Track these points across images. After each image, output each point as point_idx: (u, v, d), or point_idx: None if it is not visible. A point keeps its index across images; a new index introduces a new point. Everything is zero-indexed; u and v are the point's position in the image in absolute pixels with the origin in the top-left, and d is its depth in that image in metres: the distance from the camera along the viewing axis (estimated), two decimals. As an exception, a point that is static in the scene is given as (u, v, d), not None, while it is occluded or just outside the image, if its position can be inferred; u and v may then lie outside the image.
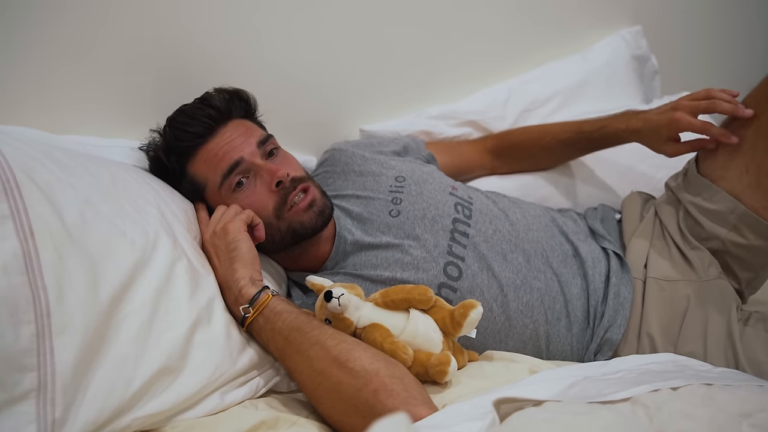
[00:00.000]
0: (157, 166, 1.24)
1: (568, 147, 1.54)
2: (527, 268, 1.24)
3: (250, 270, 1.06)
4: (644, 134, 1.36)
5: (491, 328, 1.19)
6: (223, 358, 0.96)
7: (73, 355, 0.80)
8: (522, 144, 1.60)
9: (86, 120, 1.27)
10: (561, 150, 1.56)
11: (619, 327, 1.21)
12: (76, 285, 0.84)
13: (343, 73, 1.61)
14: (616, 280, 1.26)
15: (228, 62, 1.43)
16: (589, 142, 1.50)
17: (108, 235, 0.93)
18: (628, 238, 1.36)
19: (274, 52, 1.50)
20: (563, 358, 1.23)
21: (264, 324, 1.01)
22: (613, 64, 1.89)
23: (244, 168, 1.18)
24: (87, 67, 1.25)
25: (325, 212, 1.21)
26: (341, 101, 1.64)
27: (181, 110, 1.24)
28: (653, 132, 1.33)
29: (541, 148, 1.57)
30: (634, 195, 1.46)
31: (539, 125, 1.63)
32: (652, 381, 0.80)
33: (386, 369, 0.90)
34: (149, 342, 0.89)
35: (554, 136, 1.54)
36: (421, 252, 1.21)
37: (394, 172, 1.35)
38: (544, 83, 1.80)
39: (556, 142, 1.54)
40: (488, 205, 1.34)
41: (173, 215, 1.10)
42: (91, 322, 0.84)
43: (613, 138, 1.44)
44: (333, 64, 1.59)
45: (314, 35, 1.54)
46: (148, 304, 0.92)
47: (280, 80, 1.52)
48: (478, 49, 1.80)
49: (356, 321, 1.01)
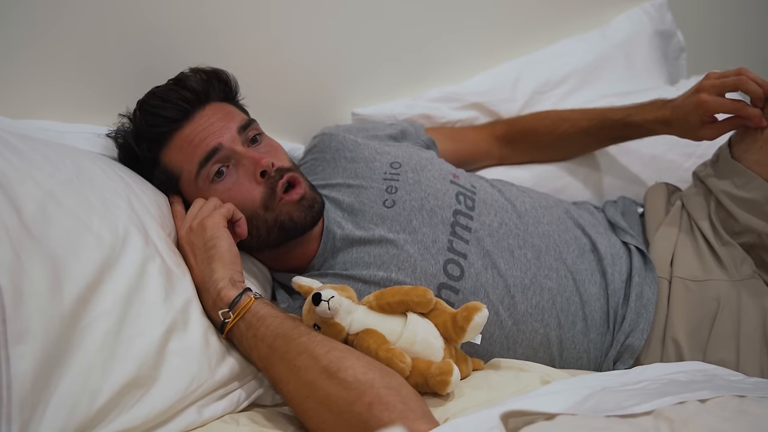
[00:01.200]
0: (126, 155, 1.23)
1: (588, 137, 1.54)
2: (537, 266, 1.24)
3: (230, 270, 1.06)
4: (675, 124, 1.35)
5: (498, 333, 1.19)
6: (201, 368, 0.96)
7: (32, 366, 0.79)
8: (536, 131, 1.60)
9: (47, 103, 1.27)
10: (580, 140, 1.56)
11: (642, 332, 1.21)
12: (35, 286, 0.84)
13: (333, 51, 1.61)
14: (638, 279, 1.25)
15: (206, 39, 1.42)
16: (612, 132, 1.50)
17: (72, 230, 0.92)
18: (651, 233, 1.36)
19: (256, 28, 1.49)
20: (579, 366, 1.23)
21: (246, 330, 1.01)
22: (635, 40, 1.89)
23: (223, 155, 1.18)
24: (48, 44, 1.24)
25: (314, 207, 1.21)
26: (331, 82, 1.63)
27: (153, 92, 1.24)
28: (682, 120, 1.33)
29: (558, 137, 1.57)
30: (658, 186, 1.46)
31: (556, 110, 1.63)
32: (677, 392, 0.80)
33: (381, 379, 0.90)
34: (118, 350, 0.89)
35: (573, 124, 1.54)
36: (418, 248, 1.21)
37: (389, 158, 1.35)
38: (557, 62, 1.80)
39: (575, 130, 1.54)
40: (493, 195, 1.34)
41: (145, 209, 1.09)
42: (52, 328, 0.83)
43: (640, 129, 1.44)
44: (322, 41, 1.59)
45: (301, 9, 1.53)
46: (116, 308, 0.91)
47: (264, 59, 1.52)
48: (485, 24, 1.79)
49: (348, 326, 1.01)
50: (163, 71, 1.25)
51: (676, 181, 1.48)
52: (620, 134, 1.50)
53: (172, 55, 1.32)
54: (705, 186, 1.35)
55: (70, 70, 1.28)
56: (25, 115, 1.21)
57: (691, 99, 1.31)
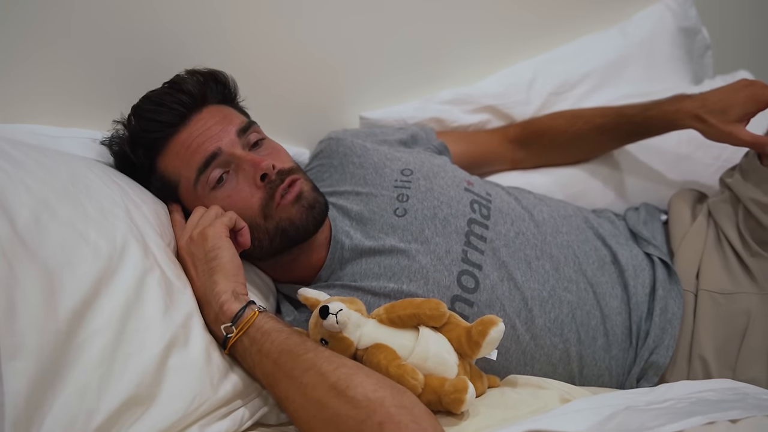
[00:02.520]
0: (122, 162, 1.24)
1: (605, 134, 1.54)
2: (556, 278, 1.25)
3: (233, 282, 1.06)
4: (705, 114, 1.34)
5: (514, 348, 1.19)
6: (203, 386, 0.95)
7: (26, 383, 0.79)
8: (549, 131, 1.60)
9: (38, 106, 1.27)
10: (596, 137, 1.56)
11: (667, 348, 1.22)
12: (29, 300, 0.84)
13: (340, 50, 1.61)
14: (662, 293, 1.26)
15: (205, 39, 1.42)
16: (630, 126, 1.49)
17: (67, 241, 0.92)
18: (676, 243, 1.36)
19: (257, 27, 1.49)
20: (600, 383, 1.23)
21: (250, 345, 1.00)
22: (657, 38, 1.88)
23: (222, 160, 1.18)
24: (39, 44, 1.25)
25: (315, 208, 1.21)
26: (338, 83, 1.63)
27: (147, 97, 1.24)
28: (719, 111, 1.32)
29: (573, 136, 1.57)
30: (683, 192, 1.46)
31: (570, 110, 1.63)
32: (706, 412, 0.81)
33: (392, 397, 0.90)
34: (115, 367, 0.88)
35: (588, 121, 1.54)
36: (430, 259, 1.21)
37: (399, 165, 1.35)
38: (575, 62, 1.80)
39: (590, 127, 1.54)
40: (510, 203, 1.34)
41: (144, 218, 1.09)
42: (47, 344, 0.83)
43: (659, 121, 1.43)
44: (329, 40, 1.58)
45: (306, 6, 1.53)
46: (114, 323, 0.91)
47: (267, 59, 1.51)
48: (498, 22, 1.79)
49: (357, 341, 1.01)
50: (162, 73, 1.25)
51: (701, 186, 1.47)
52: (638, 129, 1.49)
53: (171, 56, 1.32)
54: (732, 193, 1.35)
55: (62, 71, 1.28)
56: (14, 119, 1.21)
57: (746, 91, 1.31)
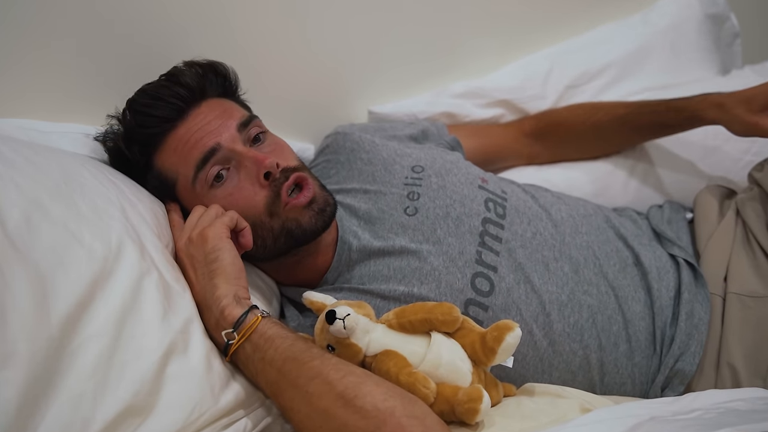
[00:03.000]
0: (117, 159, 1.24)
1: (625, 125, 1.54)
2: (575, 281, 1.24)
3: (235, 286, 1.06)
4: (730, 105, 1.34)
5: (531, 354, 1.19)
6: (203, 395, 0.95)
7: (17, 392, 0.79)
8: (566, 121, 1.61)
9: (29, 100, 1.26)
10: (616, 129, 1.56)
11: (693, 355, 1.21)
12: (20, 305, 0.83)
13: (347, 42, 1.61)
14: (688, 296, 1.25)
15: (206, 29, 1.42)
16: (652, 118, 1.49)
17: (60, 243, 0.92)
18: (702, 244, 1.35)
19: (259, 15, 1.49)
20: (622, 392, 1.23)
21: (252, 353, 1.00)
22: (682, 26, 1.88)
23: (222, 156, 1.18)
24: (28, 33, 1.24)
25: (326, 211, 1.20)
26: (345, 76, 1.64)
27: (143, 90, 1.24)
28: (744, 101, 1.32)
29: (591, 127, 1.57)
30: (710, 189, 1.46)
31: (589, 101, 1.64)
32: (736, 423, 0.80)
33: (403, 407, 0.90)
34: (111, 375, 0.88)
35: (608, 112, 1.55)
36: (443, 260, 1.21)
37: (410, 161, 1.35)
38: (594, 52, 1.80)
39: (610, 118, 1.54)
40: (526, 202, 1.34)
41: (140, 218, 1.09)
42: (39, 351, 0.83)
43: (683, 112, 1.43)
44: (335, 31, 1.59)
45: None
46: (110, 328, 0.91)
47: (268, 49, 1.52)
48: (513, 10, 1.79)
49: (365, 347, 1.01)
50: (159, 65, 1.25)
51: (730, 181, 1.47)
52: (661, 121, 1.48)
53: (169, 47, 1.32)
54: (762, 189, 1.34)
55: (54, 62, 1.28)
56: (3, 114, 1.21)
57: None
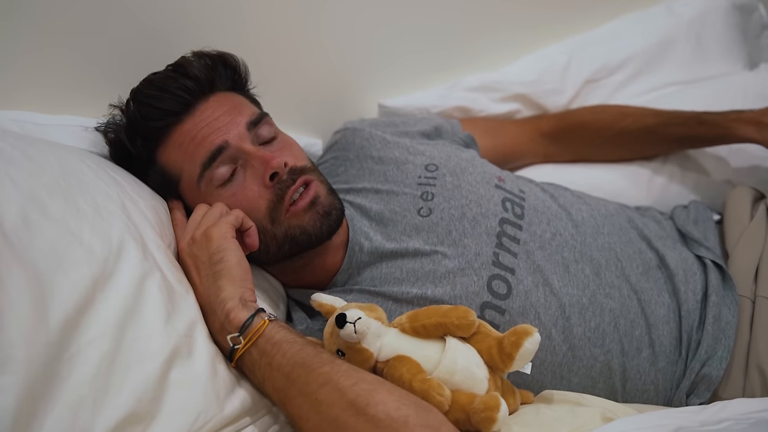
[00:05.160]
0: (118, 152, 1.24)
1: (654, 135, 1.54)
2: (596, 283, 1.24)
3: (240, 288, 1.06)
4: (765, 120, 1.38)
5: (550, 360, 1.19)
6: (208, 402, 0.95)
7: (14, 400, 0.78)
8: (590, 125, 1.61)
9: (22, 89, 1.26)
10: (643, 138, 1.57)
11: (721, 360, 1.20)
12: (17, 308, 0.83)
13: (356, 32, 1.62)
14: (716, 299, 1.24)
15: (213, 18, 1.43)
16: (682, 130, 1.50)
17: (59, 242, 0.92)
18: (731, 245, 1.35)
19: (267, 6, 1.49)
20: (645, 400, 1.22)
21: (259, 358, 1.00)
22: (707, 17, 1.87)
23: (229, 155, 1.18)
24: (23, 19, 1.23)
25: (331, 215, 1.21)
26: (355, 68, 1.64)
27: (149, 80, 1.24)
28: None
29: (617, 133, 1.58)
30: (740, 190, 1.46)
31: (614, 105, 1.64)
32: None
33: (417, 416, 0.89)
34: (112, 380, 0.88)
35: (637, 119, 1.55)
36: (458, 262, 1.20)
37: (423, 159, 1.35)
38: (614, 44, 1.81)
39: (638, 126, 1.55)
40: (545, 201, 1.34)
41: (142, 216, 1.09)
42: (36, 356, 0.82)
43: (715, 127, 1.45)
44: (344, 20, 1.59)
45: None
46: (111, 332, 0.91)
47: (278, 41, 1.52)
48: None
49: (377, 352, 1.01)
50: (164, 54, 1.25)
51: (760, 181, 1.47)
52: (692, 134, 1.50)
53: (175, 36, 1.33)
54: (793, 190, 1.35)
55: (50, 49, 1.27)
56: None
57: None
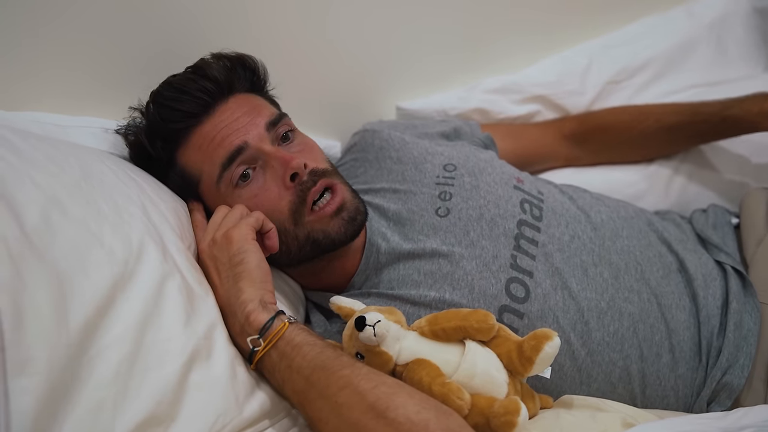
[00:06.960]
0: (138, 154, 1.24)
1: (675, 133, 1.54)
2: (615, 287, 1.24)
3: (261, 290, 1.06)
4: None
5: (569, 365, 1.18)
6: (227, 404, 0.95)
7: (34, 401, 0.79)
8: (612, 128, 1.60)
9: (44, 92, 1.27)
10: (665, 137, 1.56)
11: (742, 368, 1.19)
12: (38, 309, 0.83)
13: (375, 35, 1.62)
14: (737, 306, 1.24)
15: (232, 19, 1.43)
16: (704, 127, 1.50)
17: (80, 243, 0.92)
18: (750, 250, 1.34)
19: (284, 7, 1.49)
20: (665, 406, 1.22)
21: (279, 360, 1.00)
22: (728, 19, 1.86)
23: (249, 156, 1.18)
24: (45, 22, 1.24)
25: (356, 219, 1.21)
26: (374, 71, 1.64)
27: (168, 82, 1.24)
28: None
29: (639, 133, 1.57)
30: (757, 192, 1.45)
31: (635, 105, 1.63)
32: None
33: (438, 420, 0.89)
34: (132, 383, 0.88)
35: (658, 119, 1.54)
36: (476, 264, 1.20)
37: (442, 159, 1.35)
38: (635, 46, 1.80)
39: (660, 126, 1.54)
40: (564, 203, 1.34)
41: (162, 217, 1.09)
42: (57, 358, 0.82)
43: (739, 123, 1.44)
44: (363, 23, 1.59)
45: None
46: (131, 334, 0.91)
47: (297, 43, 1.52)
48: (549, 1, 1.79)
49: (396, 355, 1.01)
50: (183, 56, 1.26)
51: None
52: (714, 130, 1.49)
53: (193, 38, 1.33)
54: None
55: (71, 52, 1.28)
56: (20, 107, 1.21)
57: None
